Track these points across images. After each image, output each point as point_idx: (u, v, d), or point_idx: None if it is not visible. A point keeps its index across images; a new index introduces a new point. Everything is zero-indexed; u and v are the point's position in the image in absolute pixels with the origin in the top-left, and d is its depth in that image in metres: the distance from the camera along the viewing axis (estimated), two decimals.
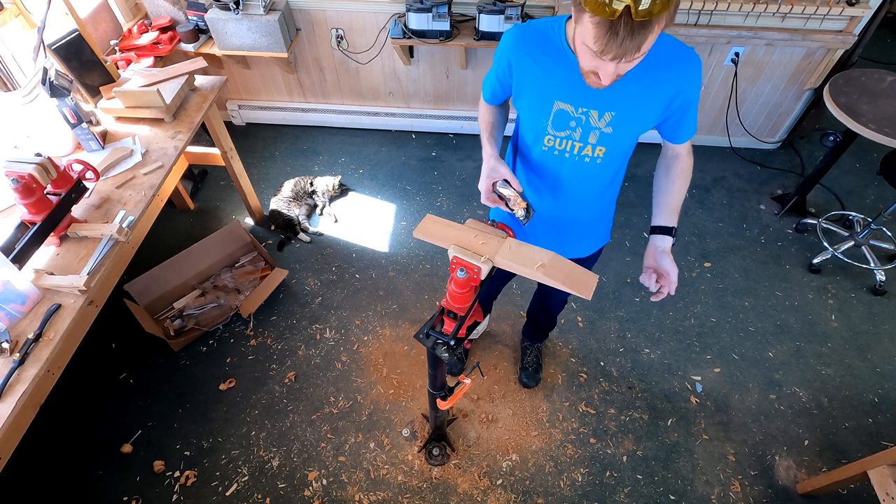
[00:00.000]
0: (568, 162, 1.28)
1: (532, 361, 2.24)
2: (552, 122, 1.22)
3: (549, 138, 1.26)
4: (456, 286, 1.15)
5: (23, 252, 1.48)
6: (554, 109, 1.20)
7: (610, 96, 1.15)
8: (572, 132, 1.22)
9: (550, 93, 1.18)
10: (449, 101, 3.31)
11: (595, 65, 1.00)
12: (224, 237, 2.54)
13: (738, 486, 1.96)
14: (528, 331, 2.25)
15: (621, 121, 1.18)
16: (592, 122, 1.19)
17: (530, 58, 1.17)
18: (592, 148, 1.24)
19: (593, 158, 1.26)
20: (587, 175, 1.31)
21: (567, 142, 1.25)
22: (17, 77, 2.13)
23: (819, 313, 2.49)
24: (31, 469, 2.00)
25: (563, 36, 1.13)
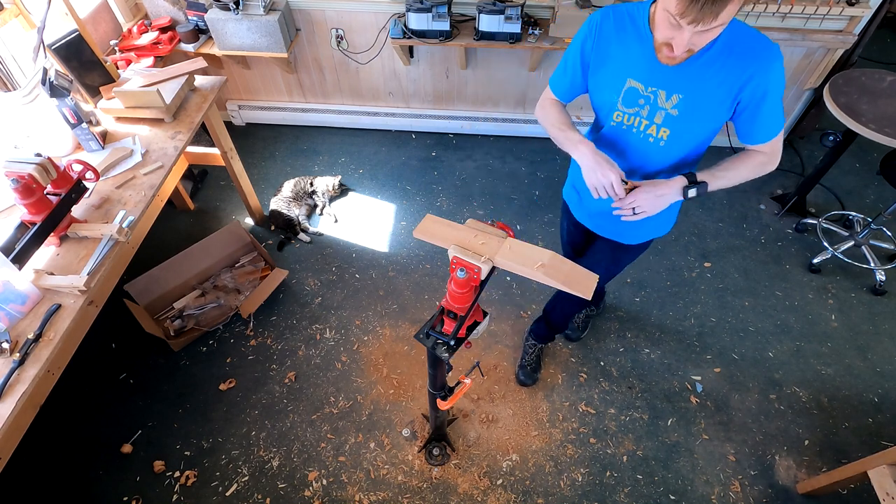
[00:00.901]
0: (634, 136, 1.33)
1: (532, 360, 2.23)
2: (623, 98, 1.27)
3: (618, 114, 1.31)
4: (456, 286, 1.16)
5: (23, 252, 1.48)
6: (626, 87, 1.25)
7: (679, 78, 1.19)
8: (640, 109, 1.27)
9: (625, 70, 1.24)
10: (449, 101, 3.30)
11: (670, 35, 1.05)
12: (224, 237, 2.54)
13: (738, 486, 1.96)
14: (538, 329, 2.21)
15: (687, 105, 1.21)
16: (660, 102, 1.24)
17: (615, 33, 1.23)
18: (657, 128, 1.28)
19: (657, 139, 1.30)
20: (650, 154, 1.34)
21: (635, 118, 1.30)
22: (17, 77, 2.13)
23: (819, 313, 2.49)
24: (31, 469, 2.00)
25: (646, 16, 1.18)
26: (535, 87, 3.15)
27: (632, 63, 1.23)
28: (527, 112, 3.31)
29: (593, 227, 1.67)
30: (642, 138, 1.32)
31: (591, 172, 1.28)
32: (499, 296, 2.55)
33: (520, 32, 2.61)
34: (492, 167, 3.22)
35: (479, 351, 2.34)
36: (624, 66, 1.24)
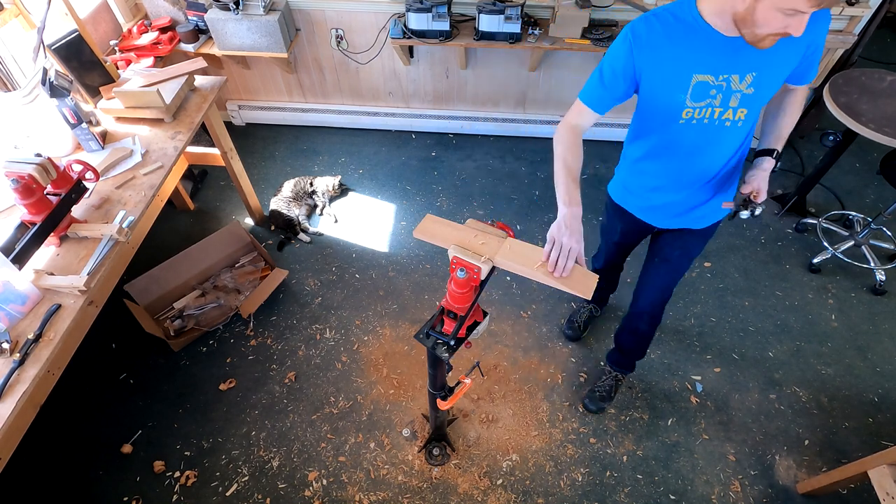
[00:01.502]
0: (707, 127, 1.32)
1: (604, 387, 2.13)
2: (691, 94, 1.27)
3: (687, 111, 1.30)
4: (456, 286, 1.16)
5: (23, 252, 1.48)
6: (693, 82, 1.25)
7: (752, 58, 1.20)
8: (712, 100, 1.27)
9: (688, 67, 1.23)
10: (449, 101, 3.31)
11: (785, 23, 1.05)
12: (224, 237, 2.54)
13: (738, 486, 1.96)
14: (612, 356, 2.15)
15: (762, 80, 1.23)
16: (734, 87, 1.24)
17: (662, 39, 1.22)
18: (733, 111, 1.29)
19: (734, 122, 1.31)
20: (724, 138, 1.35)
21: (706, 110, 1.29)
22: (17, 77, 2.14)
23: (819, 313, 2.49)
24: (31, 469, 2.00)
25: (696, 14, 1.18)
26: (535, 87, 3.15)
27: (694, 59, 1.22)
28: (527, 112, 3.31)
29: (657, 222, 1.66)
30: (717, 126, 1.32)
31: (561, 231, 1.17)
32: (499, 296, 2.55)
33: (520, 32, 2.61)
34: (492, 167, 3.22)
35: (479, 351, 2.34)
36: (685, 64, 1.23)
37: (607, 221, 1.91)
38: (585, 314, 2.37)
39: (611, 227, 1.89)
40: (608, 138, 3.33)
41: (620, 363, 2.12)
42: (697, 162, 1.42)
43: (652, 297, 1.85)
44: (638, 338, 1.98)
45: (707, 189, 1.50)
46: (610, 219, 1.87)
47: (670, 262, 1.74)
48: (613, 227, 1.87)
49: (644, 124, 1.45)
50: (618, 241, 1.90)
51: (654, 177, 1.54)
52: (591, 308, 2.38)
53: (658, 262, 1.77)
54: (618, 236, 1.88)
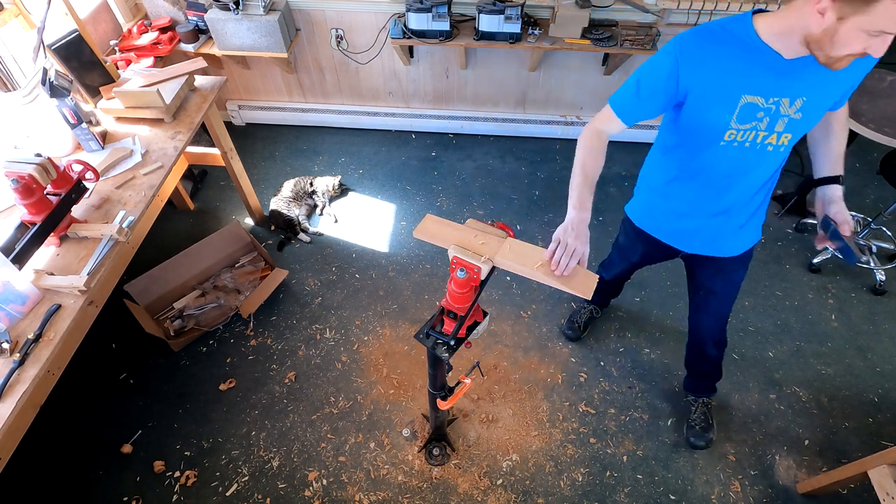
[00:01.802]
0: (748, 151, 1.28)
1: (699, 419, 2.04)
2: (737, 116, 1.22)
3: (731, 133, 1.25)
4: (456, 286, 1.16)
5: (23, 252, 1.48)
6: (741, 103, 1.20)
7: (806, 83, 1.16)
8: (758, 123, 1.22)
9: (738, 87, 1.18)
10: (449, 101, 3.30)
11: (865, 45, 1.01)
12: (224, 237, 2.54)
13: (738, 486, 1.96)
14: (690, 383, 2.09)
15: (812, 105, 1.19)
16: (782, 111, 1.20)
17: (712, 57, 1.17)
18: (778, 136, 1.25)
19: (776, 147, 1.27)
20: (762, 163, 1.31)
21: (750, 133, 1.24)
22: (17, 77, 2.14)
23: (819, 313, 2.49)
24: (31, 469, 2.00)
25: (752, 32, 1.13)
26: (535, 87, 3.15)
27: (745, 79, 1.17)
28: (527, 112, 3.31)
29: (686, 247, 1.61)
30: (758, 150, 1.27)
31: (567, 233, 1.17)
32: (499, 296, 2.55)
33: (520, 32, 2.61)
34: (492, 167, 3.22)
35: (479, 351, 2.34)
36: (735, 83, 1.17)
37: (626, 242, 1.84)
38: (586, 315, 2.37)
39: (630, 248, 1.83)
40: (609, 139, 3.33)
41: (701, 389, 2.06)
42: (733, 187, 1.37)
43: (709, 327, 1.83)
44: (710, 362, 1.96)
45: (740, 215, 1.46)
46: (629, 240, 1.80)
47: (717, 293, 1.71)
48: (633, 248, 1.80)
49: (679, 143, 1.39)
50: (637, 262, 1.86)
51: (684, 201, 1.48)
52: (591, 309, 2.38)
53: (704, 294, 1.75)
54: (638, 258, 1.82)
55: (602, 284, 2.17)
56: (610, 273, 2.07)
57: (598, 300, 2.33)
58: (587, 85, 3.11)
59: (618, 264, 1.99)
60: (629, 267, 1.94)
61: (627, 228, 1.77)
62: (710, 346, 1.89)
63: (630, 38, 2.60)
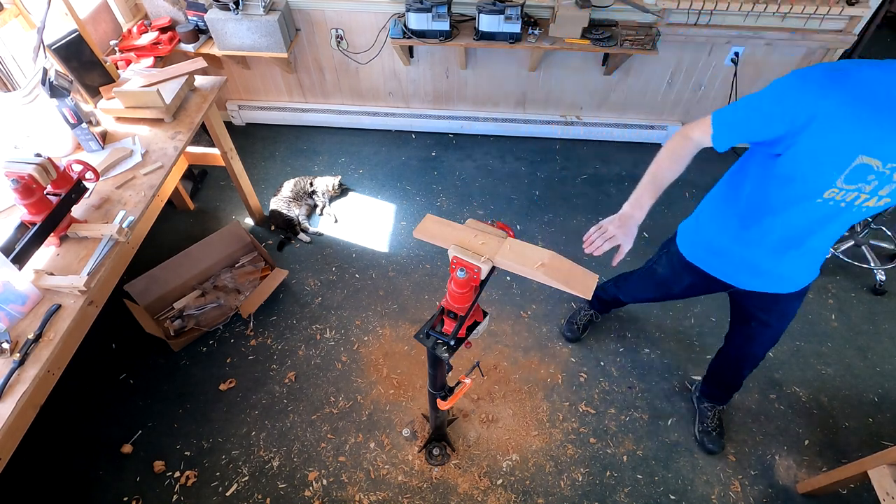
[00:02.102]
0: (843, 211, 1.18)
1: (716, 424, 2.04)
2: (846, 176, 1.09)
3: (833, 191, 1.13)
4: (456, 286, 1.16)
5: (23, 252, 1.48)
6: (854, 164, 1.06)
7: None
8: (865, 185, 1.10)
9: (856, 147, 1.04)
10: (449, 101, 3.30)
11: None
12: (224, 237, 2.54)
13: (738, 486, 1.96)
14: (710, 392, 2.07)
15: None
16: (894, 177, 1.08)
17: (844, 106, 1.02)
18: (878, 199, 1.13)
19: (871, 208, 1.16)
20: (851, 219, 1.22)
21: (852, 193, 1.13)
22: (17, 77, 2.14)
23: (819, 313, 2.49)
24: (31, 469, 2.00)
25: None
26: (535, 86, 3.15)
27: (869, 139, 1.02)
28: (527, 112, 3.31)
29: (741, 283, 1.53)
30: (854, 211, 1.17)
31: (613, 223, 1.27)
32: (499, 296, 2.55)
33: (520, 32, 2.61)
34: (492, 167, 3.22)
35: (479, 351, 2.34)
36: (855, 142, 1.03)
37: (668, 274, 1.74)
38: (585, 318, 2.36)
39: (673, 280, 1.73)
40: (609, 139, 3.34)
41: (721, 398, 2.06)
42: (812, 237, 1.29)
43: (754, 355, 1.79)
44: (741, 379, 1.93)
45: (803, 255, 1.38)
46: (674, 273, 1.71)
47: (771, 326, 1.65)
48: (677, 281, 1.71)
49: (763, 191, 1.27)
50: (677, 294, 1.77)
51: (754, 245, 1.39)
52: (592, 313, 2.36)
53: (756, 325, 1.68)
54: (679, 290, 1.73)
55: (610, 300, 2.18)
56: (632, 297, 2.04)
57: (598, 306, 2.32)
58: (587, 85, 3.11)
59: (649, 292, 1.92)
60: (661, 297, 1.88)
61: (674, 261, 1.66)
62: (749, 368, 1.86)
63: (630, 38, 2.60)
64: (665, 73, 2.99)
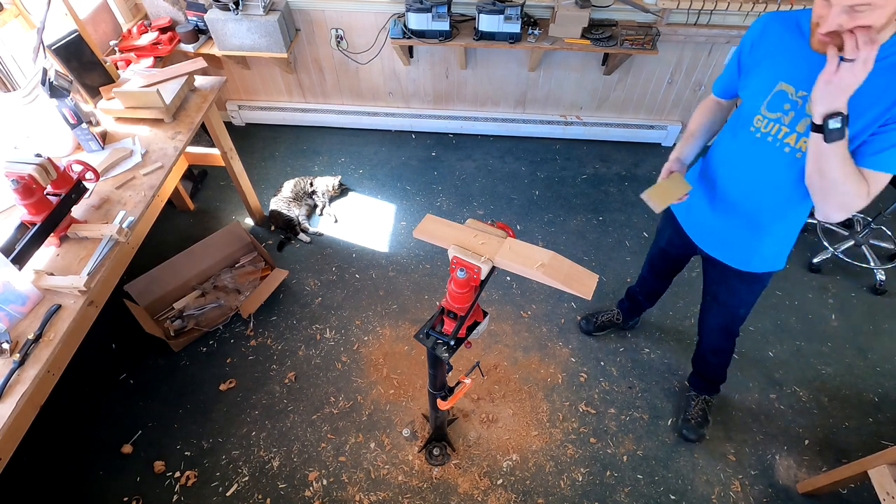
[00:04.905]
0: (769, 147, 1.27)
1: (697, 414, 2.07)
2: (768, 102, 1.23)
3: (759, 118, 1.26)
4: (456, 286, 1.16)
5: (23, 253, 1.48)
6: (775, 90, 1.21)
7: None
8: (783, 115, 1.22)
9: (778, 72, 1.20)
10: (449, 101, 3.30)
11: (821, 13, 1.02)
12: (224, 237, 2.54)
13: (739, 486, 1.96)
14: (694, 379, 2.13)
15: None
16: (807, 109, 1.16)
17: (775, 36, 1.21)
18: (797, 137, 1.21)
19: (793, 150, 1.23)
20: (779, 165, 1.28)
21: (775, 125, 1.24)
22: (17, 77, 2.14)
23: (819, 313, 2.49)
24: (31, 469, 2.00)
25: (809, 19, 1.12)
26: (535, 86, 3.15)
27: (787, 65, 1.18)
28: (526, 112, 3.31)
29: (698, 240, 1.62)
30: (778, 147, 1.25)
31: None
32: (499, 296, 2.55)
33: (519, 32, 2.61)
34: (492, 167, 3.22)
35: (479, 351, 2.34)
36: (779, 67, 1.20)
37: (661, 224, 1.88)
38: (608, 317, 2.35)
39: (661, 229, 1.87)
40: (609, 138, 3.34)
41: (703, 387, 2.09)
42: (746, 182, 1.37)
43: (708, 334, 1.88)
44: (709, 367, 2.01)
45: (758, 227, 1.43)
46: (663, 223, 1.85)
47: (720, 303, 1.72)
48: (664, 229, 1.84)
49: (727, 126, 1.45)
50: (663, 247, 1.87)
51: (710, 191, 1.50)
52: (615, 312, 2.35)
53: (710, 300, 1.77)
54: (664, 242, 1.85)
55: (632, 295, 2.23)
56: (640, 280, 2.14)
57: (626, 306, 2.30)
58: (587, 85, 3.11)
59: (647, 263, 2.05)
60: (658, 257, 1.94)
61: (664, 213, 1.79)
62: (710, 353, 1.94)
63: (630, 38, 2.60)
64: (665, 72, 2.99)
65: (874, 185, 1.14)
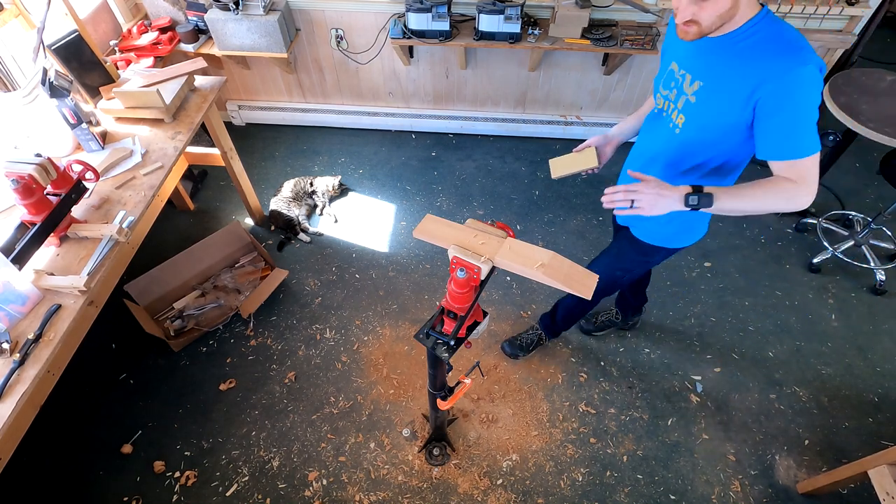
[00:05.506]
0: (662, 122, 1.36)
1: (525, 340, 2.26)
2: (664, 80, 1.32)
3: (659, 96, 1.36)
4: (456, 286, 1.16)
5: (23, 252, 1.48)
6: (669, 68, 1.30)
7: (705, 65, 1.20)
8: (670, 93, 1.30)
9: (671, 52, 1.30)
10: (449, 101, 3.30)
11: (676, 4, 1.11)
12: (224, 237, 2.54)
13: (739, 486, 1.96)
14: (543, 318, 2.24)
15: (704, 94, 1.21)
16: (685, 87, 1.25)
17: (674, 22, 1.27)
18: (678, 114, 1.29)
19: (675, 125, 1.31)
20: (668, 142, 1.35)
21: (665, 102, 1.33)
22: (17, 77, 2.14)
23: (819, 313, 2.49)
24: (31, 469, 2.00)
25: None
26: (535, 86, 3.15)
27: (676, 45, 1.28)
28: (526, 112, 3.31)
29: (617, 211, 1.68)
30: (665, 119, 1.34)
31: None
32: (499, 296, 2.55)
33: (520, 32, 2.61)
34: (492, 167, 3.22)
35: (479, 351, 2.34)
36: (672, 48, 1.30)
37: None
38: (608, 316, 2.35)
39: None
40: None
41: (546, 325, 2.22)
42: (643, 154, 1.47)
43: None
44: (567, 312, 2.10)
45: None
46: None
47: (606, 257, 1.79)
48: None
49: None
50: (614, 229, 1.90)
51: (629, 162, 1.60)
52: (615, 311, 2.35)
53: (602, 254, 1.83)
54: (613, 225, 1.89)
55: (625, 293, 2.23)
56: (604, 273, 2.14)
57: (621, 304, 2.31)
58: (587, 85, 3.11)
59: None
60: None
61: None
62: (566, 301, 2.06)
63: (630, 38, 2.60)
64: None
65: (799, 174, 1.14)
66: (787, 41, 1.10)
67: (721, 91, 1.18)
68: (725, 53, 1.16)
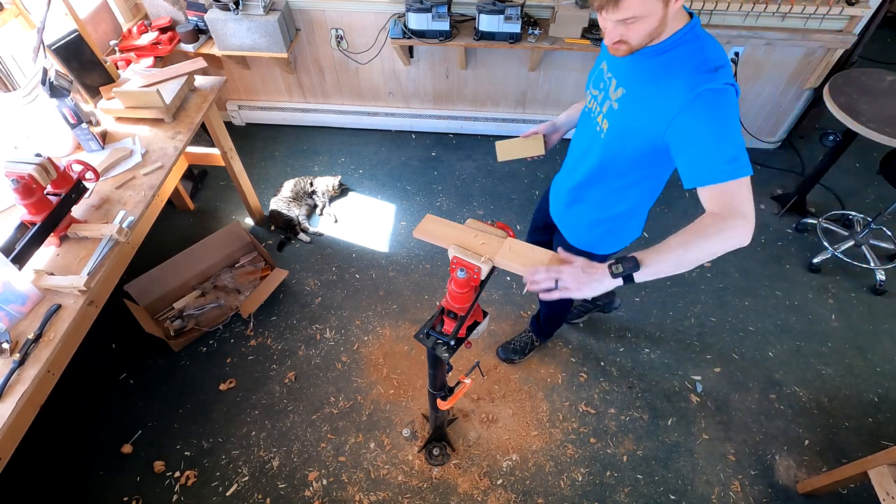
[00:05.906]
0: (591, 121, 1.34)
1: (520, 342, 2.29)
2: (594, 79, 1.32)
3: (589, 94, 1.35)
4: (456, 286, 1.16)
5: (23, 252, 1.48)
6: (599, 67, 1.30)
7: (628, 73, 1.19)
8: (599, 94, 1.29)
9: (604, 52, 1.27)
10: (449, 101, 3.30)
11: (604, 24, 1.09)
12: (224, 237, 2.54)
13: (739, 486, 1.96)
14: (532, 321, 2.28)
15: (626, 102, 1.19)
16: (610, 92, 1.24)
17: None
18: (603, 118, 1.28)
19: (601, 129, 1.29)
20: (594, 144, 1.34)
21: (594, 102, 1.32)
22: (17, 77, 2.14)
23: (819, 313, 2.49)
24: (31, 469, 2.00)
25: None
26: (536, 86, 3.15)
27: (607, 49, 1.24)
28: (527, 112, 3.31)
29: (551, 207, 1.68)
30: (592, 121, 1.33)
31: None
32: (499, 296, 2.55)
33: (520, 32, 2.61)
34: (492, 167, 3.22)
35: (479, 351, 2.34)
36: (604, 50, 1.27)
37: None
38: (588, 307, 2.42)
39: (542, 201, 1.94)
40: None
41: (536, 329, 2.26)
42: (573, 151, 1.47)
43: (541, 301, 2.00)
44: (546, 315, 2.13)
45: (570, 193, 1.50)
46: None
47: None
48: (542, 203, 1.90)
49: None
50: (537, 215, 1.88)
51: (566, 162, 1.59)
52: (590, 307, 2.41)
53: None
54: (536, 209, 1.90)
55: None
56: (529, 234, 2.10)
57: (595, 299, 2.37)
58: None
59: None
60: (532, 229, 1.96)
61: None
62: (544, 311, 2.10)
63: None
64: None
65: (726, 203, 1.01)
66: (702, 60, 1.06)
67: (641, 101, 1.15)
68: (645, 63, 1.14)
